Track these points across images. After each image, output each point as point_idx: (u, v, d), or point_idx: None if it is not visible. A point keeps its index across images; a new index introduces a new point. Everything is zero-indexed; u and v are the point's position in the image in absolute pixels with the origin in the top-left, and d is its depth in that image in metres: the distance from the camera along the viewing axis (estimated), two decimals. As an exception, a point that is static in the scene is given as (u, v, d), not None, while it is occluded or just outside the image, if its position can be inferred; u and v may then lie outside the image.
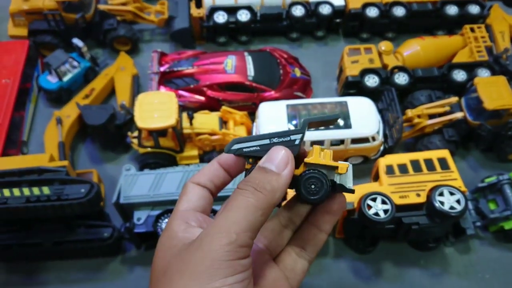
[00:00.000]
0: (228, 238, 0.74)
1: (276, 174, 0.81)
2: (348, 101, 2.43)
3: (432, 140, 2.45)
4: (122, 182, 2.16)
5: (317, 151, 0.85)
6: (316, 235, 0.92)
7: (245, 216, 0.77)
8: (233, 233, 0.75)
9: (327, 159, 0.85)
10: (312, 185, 0.84)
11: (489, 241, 2.33)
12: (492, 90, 2.38)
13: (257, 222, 0.78)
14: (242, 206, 0.78)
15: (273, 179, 0.80)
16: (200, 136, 2.38)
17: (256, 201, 0.78)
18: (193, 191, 0.90)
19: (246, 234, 0.76)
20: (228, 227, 0.75)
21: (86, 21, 2.81)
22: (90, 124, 2.38)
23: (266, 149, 0.84)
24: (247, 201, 0.78)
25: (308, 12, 2.93)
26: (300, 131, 0.83)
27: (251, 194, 0.79)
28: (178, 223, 0.84)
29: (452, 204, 2.01)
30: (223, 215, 0.78)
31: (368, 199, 2.04)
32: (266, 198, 0.79)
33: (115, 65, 2.80)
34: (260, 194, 0.79)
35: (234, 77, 2.58)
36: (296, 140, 0.83)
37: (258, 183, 0.80)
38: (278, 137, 0.84)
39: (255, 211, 0.77)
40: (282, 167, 0.81)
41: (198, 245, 0.75)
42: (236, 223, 0.76)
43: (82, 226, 2.18)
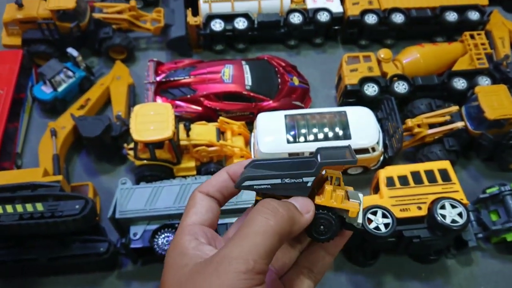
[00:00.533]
0: (246, 265, 0.71)
1: (299, 211, 0.81)
2: (347, 111, 2.39)
3: (433, 150, 2.41)
4: (118, 196, 2.12)
5: (329, 193, 0.84)
6: (323, 258, 0.90)
7: (263, 241, 0.74)
8: (251, 260, 0.72)
9: (338, 202, 0.84)
10: (321, 225, 0.85)
11: (491, 252, 2.30)
12: (493, 99, 2.35)
13: (274, 248, 0.75)
14: (261, 230, 0.75)
15: (296, 212, 0.80)
16: (197, 147, 2.35)
17: (275, 224, 0.76)
18: (202, 202, 0.87)
19: (263, 261, 0.73)
20: (246, 253, 0.72)
21: (81, 30, 2.77)
22: (85, 136, 2.34)
23: (277, 188, 0.83)
24: (267, 223, 0.75)
25: (306, 19, 2.89)
26: (313, 174, 0.82)
27: (272, 216, 0.76)
28: (188, 239, 0.81)
29: (454, 218, 1.97)
30: (241, 239, 0.75)
31: (368, 213, 2.01)
32: (285, 223, 0.77)
33: (111, 75, 2.76)
34: (280, 216, 0.77)
35: (232, 87, 2.54)
36: (308, 182, 0.83)
37: (282, 206, 0.78)
38: (290, 178, 0.83)
39: (274, 236, 0.75)
40: (304, 210, 0.82)
41: (213, 270, 0.72)
42: (254, 249, 0.73)
43: (78, 241, 2.14)
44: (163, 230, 2.05)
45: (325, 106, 2.79)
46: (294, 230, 0.79)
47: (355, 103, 2.62)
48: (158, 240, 2.03)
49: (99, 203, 2.40)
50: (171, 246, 0.82)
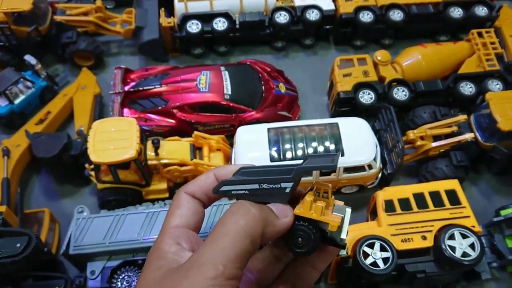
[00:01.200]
0: (214, 270, 0.68)
1: (275, 214, 0.78)
2: (339, 122, 2.09)
3: (438, 165, 2.11)
4: (73, 227, 1.83)
5: (308, 204, 0.80)
6: (309, 273, 0.85)
7: (233, 244, 0.70)
8: (220, 265, 0.68)
9: (318, 213, 0.80)
10: (299, 237, 0.81)
11: (507, 283, 2.02)
12: (507, 106, 2.05)
13: (246, 251, 0.71)
14: (231, 232, 0.71)
15: (270, 213, 0.77)
16: (168, 167, 2.05)
17: (246, 224, 0.72)
18: (187, 204, 0.83)
19: (233, 266, 0.69)
20: (214, 257, 0.69)
21: (41, 35, 2.47)
22: (41, 157, 2.04)
23: (255, 194, 0.80)
24: (236, 225, 0.72)
25: (293, 18, 2.59)
26: (292, 180, 0.79)
27: (242, 216, 0.74)
28: (170, 242, 0.78)
29: (465, 250, 1.68)
30: (210, 243, 0.72)
31: (364, 245, 1.71)
32: (257, 223, 0.74)
33: (75, 84, 2.47)
34: (251, 216, 0.74)
35: (209, 96, 2.24)
36: (286, 188, 0.79)
37: (254, 205, 0.76)
38: (268, 183, 0.80)
39: (244, 238, 0.71)
40: (281, 215, 0.79)
41: (182, 276, 0.69)
42: (223, 252, 0.69)
43: (30, 278, 1.85)
44: (124, 269, 1.76)
45: (316, 115, 2.49)
46: (268, 232, 0.76)
47: (349, 112, 2.32)
48: (117, 281, 1.74)
49: (58, 231, 2.12)
50: (152, 247, 0.80)
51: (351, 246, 1.74)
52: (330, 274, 1.91)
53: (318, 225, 0.81)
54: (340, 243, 0.82)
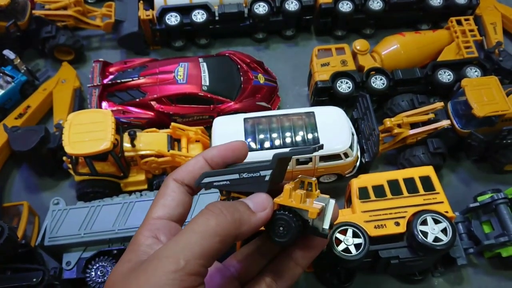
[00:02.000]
0: (175, 264, 0.67)
1: (250, 211, 0.79)
2: (315, 111, 2.09)
3: (415, 153, 2.11)
4: (49, 219, 1.84)
5: (287, 192, 0.81)
6: (291, 269, 0.87)
7: (198, 241, 0.70)
8: (182, 260, 0.68)
9: (297, 201, 0.80)
10: (280, 227, 0.81)
11: (485, 268, 2.02)
12: (482, 93, 2.05)
13: (212, 249, 0.71)
14: (199, 230, 0.72)
15: (245, 212, 0.78)
16: (145, 158, 2.05)
17: (216, 225, 0.72)
18: (173, 194, 0.84)
19: (197, 262, 0.69)
20: (177, 251, 0.69)
21: (20, 30, 2.47)
22: (17, 150, 2.04)
23: (236, 183, 0.81)
24: (206, 224, 0.72)
25: (273, 9, 2.59)
26: (270, 167, 0.80)
27: (214, 216, 0.74)
28: (146, 235, 0.78)
29: (437, 235, 1.68)
30: (176, 238, 0.71)
31: (336, 232, 1.71)
32: (228, 225, 0.74)
33: (55, 78, 2.48)
34: (223, 218, 0.74)
35: (186, 88, 2.25)
36: (266, 176, 0.80)
37: (227, 208, 0.76)
38: (248, 172, 0.81)
39: (212, 237, 0.71)
40: (259, 209, 0.79)
41: (144, 269, 0.69)
42: (187, 248, 0.69)
43: (9, 270, 1.86)
44: (98, 259, 1.77)
45: (296, 105, 2.49)
46: (243, 231, 0.76)
47: (327, 102, 2.32)
48: (92, 271, 1.75)
49: (38, 223, 2.13)
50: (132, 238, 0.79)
51: (325, 233, 1.74)
52: (306, 262, 1.92)
53: (300, 214, 0.82)
54: (322, 233, 0.82)
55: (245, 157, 0.92)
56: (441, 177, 2.21)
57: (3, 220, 1.99)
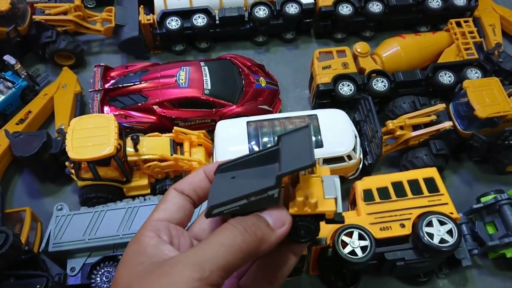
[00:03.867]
0: (200, 273, 0.68)
1: (270, 228, 0.79)
2: (318, 114, 2.10)
3: (418, 155, 2.12)
4: (52, 225, 1.83)
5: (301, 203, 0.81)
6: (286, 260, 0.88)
7: (224, 254, 0.72)
8: (207, 269, 0.69)
9: (312, 209, 0.81)
10: (301, 230, 0.84)
11: (489, 270, 2.02)
12: (484, 94, 2.05)
13: (235, 265, 0.73)
14: (226, 244, 0.73)
15: (266, 230, 0.78)
16: (148, 163, 2.05)
17: (242, 242, 0.74)
18: (174, 200, 0.85)
19: (219, 274, 0.70)
20: (204, 261, 0.70)
21: (20, 35, 2.46)
22: (19, 155, 2.03)
23: (246, 207, 0.80)
24: (233, 239, 0.74)
25: (273, 12, 2.59)
26: (276, 187, 0.78)
27: (240, 234, 0.75)
28: (150, 235, 0.78)
29: (442, 237, 1.68)
30: (203, 246, 0.73)
31: (342, 235, 1.71)
32: (253, 243, 0.75)
33: (56, 83, 2.46)
34: (248, 236, 0.75)
35: (188, 92, 2.24)
36: (274, 194, 0.79)
37: (250, 226, 0.77)
38: (255, 196, 0.80)
39: (238, 253, 0.73)
40: (278, 225, 0.80)
41: (166, 271, 0.69)
42: (214, 259, 0.70)
43: (12, 277, 1.85)
44: (103, 264, 1.76)
45: (298, 108, 2.50)
46: (263, 250, 0.77)
47: (329, 105, 2.33)
48: (97, 277, 1.74)
49: (40, 229, 2.11)
50: (131, 241, 0.80)
51: (330, 235, 1.74)
52: (311, 265, 1.92)
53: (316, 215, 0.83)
54: (338, 220, 0.84)
55: None
56: (444, 179, 2.19)
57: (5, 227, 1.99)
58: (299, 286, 1.97)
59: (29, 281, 1.85)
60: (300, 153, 0.81)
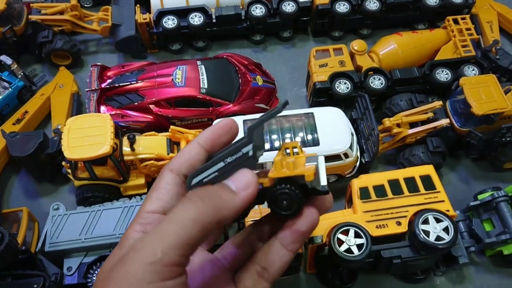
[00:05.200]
0: (152, 256, 0.65)
1: (232, 192, 0.75)
2: (314, 112, 2.09)
3: (415, 152, 2.12)
4: (49, 224, 1.83)
5: (279, 164, 0.80)
6: (282, 256, 0.84)
7: (177, 231, 0.68)
8: (159, 251, 0.66)
9: (291, 169, 0.80)
10: (283, 201, 0.81)
11: (486, 267, 2.02)
12: (480, 91, 2.05)
13: (192, 238, 0.68)
14: (176, 219, 0.69)
15: (227, 195, 0.74)
16: (145, 162, 2.05)
17: (196, 214, 0.70)
18: (167, 186, 0.81)
19: (174, 252, 0.66)
20: (154, 242, 0.67)
21: (16, 35, 2.46)
22: (16, 156, 2.03)
23: (225, 171, 0.79)
24: (185, 214, 0.70)
25: (269, 11, 2.59)
26: (248, 142, 0.77)
27: (193, 205, 0.71)
28: (136, 229, 0.76)
29: (439, 234, 1.68)
30: (154, 230, 0.69)
31: (338, 233, 1.71)
32: (208, 212, 0.71)
33: (53, 83, 2.46)
34: (203, 206, 0.71)
35: (185, 91, 2.24)
36: (249, 152, 0.78)
37: (207, 195, 0.73)
38: (230, 156, 0.78)
39: (192, 226, 0.69)
40: (241, 187, 0.76)
41: (123, 261, 0.67)
42: (164, 238, 0.67)
43: (9, 276, 1.84)
44: (100, 264, 1.76)
45: (295, 107, 2.48)
46: (226, 215, 0.73)
47: (326, 103, 2.32)
48: (93, 276, 1.74)
49: (37, 229, 2.11)
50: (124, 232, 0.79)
51: (326, 234, 1.74)
52: (308, 263, 1.92)
53: (296, 181, 0.81)
54: (322, 190, 0.82)
55: (237, 132, 0.88)
56: (441, 176, 2.20)
57: (2, 227, 1.99)
58: (296, 284, 1.97)
59: (26, 281, 1.84)
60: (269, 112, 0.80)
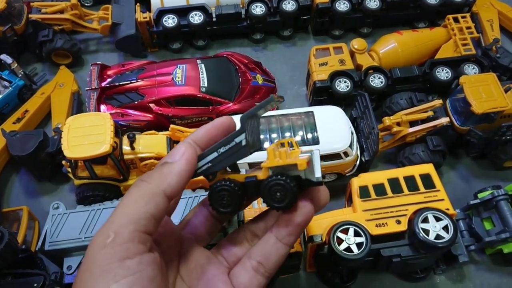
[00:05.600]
0: (105, 238, 0.68)
1: (168, 163, 0.79)
2: (314, 111, 2.09)
3: (415, 151, 2.11)
4: (48, 223, 1.83)
5: (271, 153, 0.82)
6: (278, 249, 0.86)
7: (125, 210, 0.72)
8: (111, 232, 0.69)
9: (283, 158, 0.81)
10: (277, 192, 0.81)
11: (487, 265, 2.02)
12: (480, 90, 2.04)
13: (140, 212, 0.71)
14: (123, 202, 0.74)
15: (164, 167, 0.79)
16: (145, 161, 2.05)
17: (136, 191, 0.74)
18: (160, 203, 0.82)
19: (126, 229, 0.69)
20: (106, 226, 0.71)
21: (17, 34, 2.46)
22: (16, 155, 2.04)
23: (218, 161, 0.82)
24: (130, 195, 0.74)
25: (270, 9, 2.59)
26: (241, 131, 0.79)
27: (136, 186, 0.76)
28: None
29: (438, 233, 1.68)
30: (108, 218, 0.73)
31: (338, 231, 1.71)
32: (149, 186, 0.75)
33: (53, 82, 2.47)
34: (143, 183, 0.76)
35: (185, 90, 2.24)
36: (241, 141, 0.80)
37: (148, 175, 0.78)
38: (223, 146, 0.81)
39: (135, 202, 0.73)
40: (176, 156, 0.79)
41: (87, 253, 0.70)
42: (115, 219, 0.71)
43: (10, 275, 1.85)
44: (99, 263, 1.76)
45: (295, 105, 2.49)
46: (169, 183, 0.76)
47: (326, 101, 2.32)
48: (93, 275, 1.73)
49: (38, 228, 2.12)
50: None
51: (326, 232, 1.74)
52: (308, 262, 1.92)
53: (290, 173, 0.81)
54: (317, 181, 0.82)
55: (233, 130, 0.89)
56: (441, 175, 2.20)
57: (2, 226, 2.00)
58: (296, 283, 1.97)
59: (27, 280, 1.84)
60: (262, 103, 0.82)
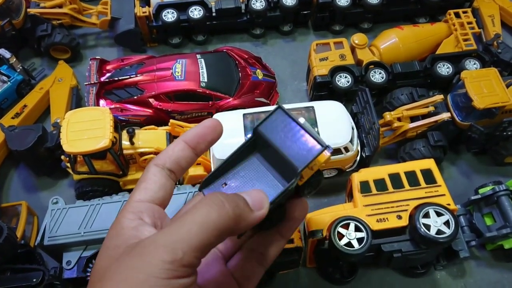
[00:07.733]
0: (172, 255, 0.66)
1: (249, 208, 0.78)
2: (315, 106, 2.08)
3: (416, 146, 2.10)
4: (48, 218, 1.82)
5: None
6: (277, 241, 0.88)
7: (199, 233, 0.69)
8: (180, 250, 0.67)
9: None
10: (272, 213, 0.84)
11: (487, 261, 2.01)
12: (482, 85, 2.03)
13: (210, 243, 0.70)
14: (199, 221, 0.70)
15: (245, 209, 0.77)
16: (144, 156, 2.04)
17: (217, 218, 0.71)
18: (154, 178, 0.83)
19: (193, 254, 0.68)
20: (176, 242, 0.67)
21: (15, 28, 2.44)
22: (14, 149, 2.02)
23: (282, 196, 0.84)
24: (207, 216, 0.70)
25: (270, 4, 2.57)
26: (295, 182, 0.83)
27: (216, 209, 0.72)
28: (130, 217, 0.77)
29: (439, 228, 1.67)
30: (176, 227, 0.69)
31: (338, 227, 1.70)
32: (229, 220, 0.72)
33: (52, 77, 2.45)
34: (225, 211, 0.72)
35: (184, 84, 2.23)
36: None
37: (229, 201, 0.74)
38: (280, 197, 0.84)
39: (212, 230, 0.70)
40: (257, 207, 0.79)
41: (139, 253, 0.68)
42: (186, 239, 0.68)
43: (9, 270, 1.84)
44: (99, 258, 1.75)
45: (295, 101, 2.48)
46: (240, 228, 0.75)
47: (327, 97, 2.31)
48: (93, 270, 1.73)
49: (37, 223, 2.11)
50: (112, 224, 0.78)
51: (326, 228, 1.73)
52: (308, 257, 1.91)
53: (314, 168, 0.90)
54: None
55: (221, 132, 0.93)
56: (442, 170, 2.19)
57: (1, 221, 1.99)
58: (296, 278, 1.97)
59: (26, 275, 1.83)
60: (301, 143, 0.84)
